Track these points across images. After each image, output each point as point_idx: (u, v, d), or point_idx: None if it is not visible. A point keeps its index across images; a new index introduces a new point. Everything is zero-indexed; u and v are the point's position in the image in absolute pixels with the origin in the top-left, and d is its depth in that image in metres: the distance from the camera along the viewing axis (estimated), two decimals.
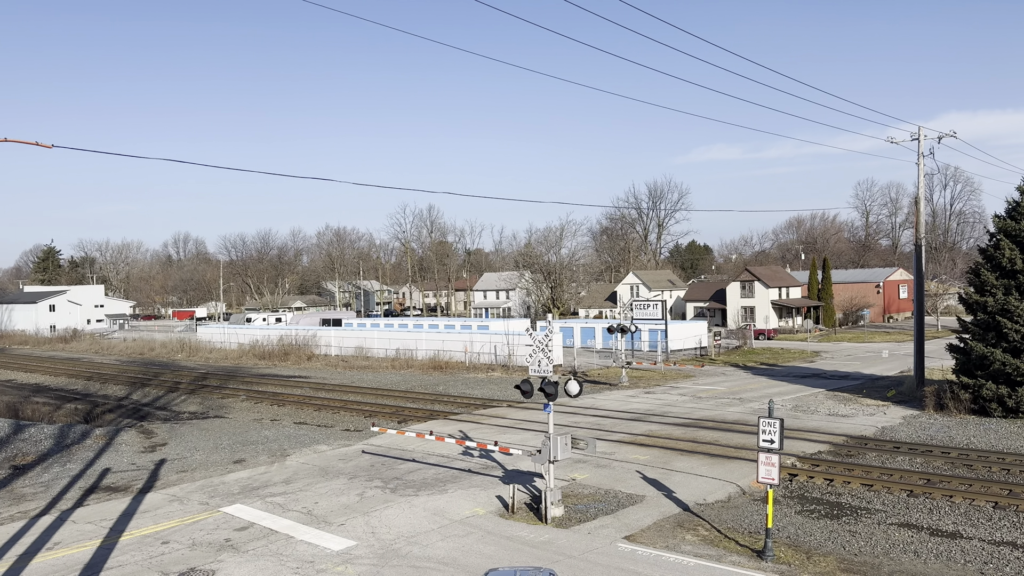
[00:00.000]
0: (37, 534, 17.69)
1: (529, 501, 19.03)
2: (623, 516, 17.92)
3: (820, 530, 16.98)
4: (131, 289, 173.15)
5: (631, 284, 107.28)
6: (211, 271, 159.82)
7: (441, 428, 29.45)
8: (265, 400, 40.19)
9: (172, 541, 16.80)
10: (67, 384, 51.49)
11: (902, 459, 23.02)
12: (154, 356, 73.60)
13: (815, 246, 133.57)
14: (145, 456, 26.54)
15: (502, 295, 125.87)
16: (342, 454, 25.64)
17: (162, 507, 19.67)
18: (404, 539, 16.58)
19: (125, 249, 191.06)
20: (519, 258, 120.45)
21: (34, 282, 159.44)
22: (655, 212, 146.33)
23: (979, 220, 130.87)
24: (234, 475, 23.08)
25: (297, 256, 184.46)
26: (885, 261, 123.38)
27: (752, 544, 15.98)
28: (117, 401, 41.97)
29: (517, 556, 15.31)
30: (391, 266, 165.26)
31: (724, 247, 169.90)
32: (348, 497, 19.98)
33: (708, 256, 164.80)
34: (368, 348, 63.41)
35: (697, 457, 23.67)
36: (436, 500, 19.36)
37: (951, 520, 17.46)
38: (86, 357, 75.42)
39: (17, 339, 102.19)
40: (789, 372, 47.10)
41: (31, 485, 22.69)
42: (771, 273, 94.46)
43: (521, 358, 51.28)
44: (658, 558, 15.14)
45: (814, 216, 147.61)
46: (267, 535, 17.05)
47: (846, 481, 20.74)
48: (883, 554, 15.44)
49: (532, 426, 29.61)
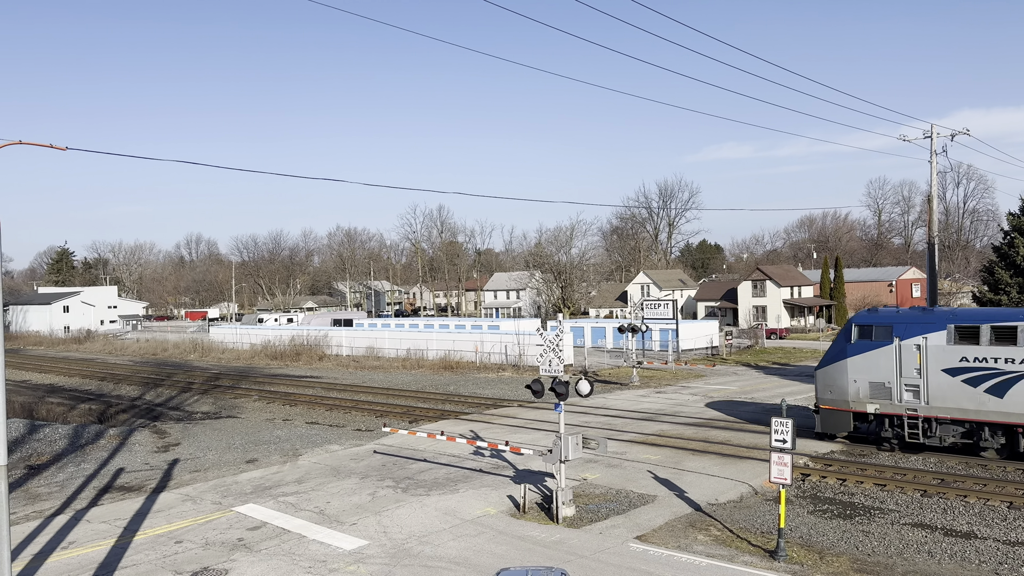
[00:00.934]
0: (52, 533, 17.84)
1: (540, 501, 19.03)
2: (634, 516, 17.90)
3: (833, 530, 16.90)
4: (144, 290, 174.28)
5: (642, 284, 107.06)
6: (223, 272, 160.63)
7: (452, 428, 29.49)
8: (277, 400, 40.35)
9: (185, 540, 16.90)
10: (81, 384, 51.86)
11: (915, 459, 22.88)
12: (167, 356, 74.02)
13: (827, 245, 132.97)
14: (158, 456, 26.71)
15: (512, 295, 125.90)
16: (354, 454, 25.72)
17: (175, 507, 19.79)
18: (416, 539, 16.62)
19: (138, 250, 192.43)
20: (529, 258, 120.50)
21: (48, 283, 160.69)
22: (665, 211, 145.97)
23: (993, 218, 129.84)
24: (247, 475, 23.19)
25: (308, 257, 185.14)
26: (898, 260, 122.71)
27: (764, 544, 15.93)
28: (130, 401, 42.24)
29: (528, 556, 15.31)
30: (401, 266, 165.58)
31: (735, 246, 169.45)
32: (360, 497, 20.04)
33: (719, 255, 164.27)
34: (379, 348, 63.56)
35: (709, 457, 23.60)
36: (447, 500, 19.40)
37: (965, 520, 17.35)
38: (100, 358, 75.93)
39: (32, 340, 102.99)
40: (801, 372, 46.89)
41: (46, 485, 22.87)
42: (783, 272, 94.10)
43: (532, 358, 51.24)
44: (670, 558, 15.11)
45: (826, 215, 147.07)
46: (279, 535, 17.13)
47: (859, 481, 20.64)
48: (897, 554, 15.35)
49: (543, 426, 29.60)
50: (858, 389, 24.24)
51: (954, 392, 22.51)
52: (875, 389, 23.94)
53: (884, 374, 23.71)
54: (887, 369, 23.66)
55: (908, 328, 23.55)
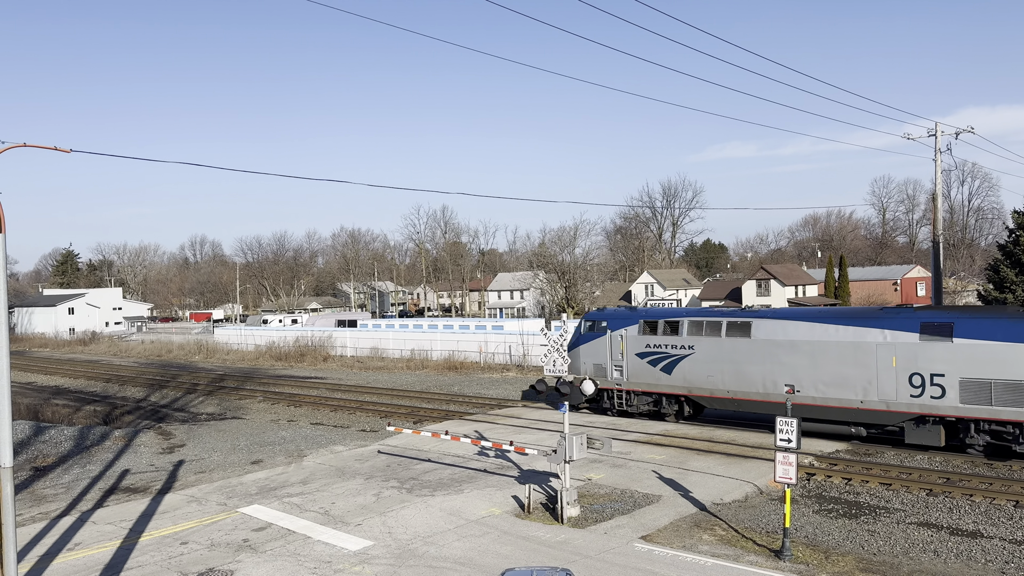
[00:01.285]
0: (58, 535, 17.89)
1: (545, 501, 19.03)
2: (639, 516, 17.89)
3: (838, 530, 16.87)
4: (149, 292, 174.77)
5: (646, 283, 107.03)
6: (227, 273, 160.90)
7: (456, 428, 29.51)
8: (282, 401, 40.42)
9: (191, 542, 16.93)
10: (86, 386, 52.00)
11: (921, 458, 22.83)
12: (172, 358, 74.19)
13: (831, 244, 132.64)
14: (164, 457, 26.77)
15: (516, 295, 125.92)
16: (358, 454, 25.75)
17: (181, 508, 19.83)
18: (421, 539, 16.63)
19: (142, 252, 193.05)
20: (533, 258, 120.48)
21: (53, 285, 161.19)
22: (669, 211, 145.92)
23: (998, 216, 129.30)
24: (252, 476, 23.23)
25: (312, 258, 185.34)
26: (903, 258, 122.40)
27: (770, 544, 15.91)
28: (136, 403, 42.34)
29: (533, 556, 15.31)
30: (405, 267, 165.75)
31: (739, 245, 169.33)
32: (365, 497, 20.06)
33: (723, 255, 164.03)
34: (383, 349, 63.63)
35: (714, 456, 23.58)
36: (452, 500, 19.40)
37: (971, 519, 17.30)
38: (105, 359, 76.12)
39: (37, 342, 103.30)
40: None
41: (52, 486, 22.94)
42: (787, 271, 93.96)
43: (536, 358, 51.23)
44: (675, 558, 15.09)
45: (830, 213, 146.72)
46: (285, 535, 17.16)
47: (864, 480, 20.60)
48: (902, 553, 15.32)
49: (547, 426, 29.61)
50: (587, 369, 30.56)
51: (643, 370, 28.86)
52: (596, 369, 30.35)
53: (601, 358, 30.21)
54: (603, 354, 30.15)
55: (617, 323, 29.83)
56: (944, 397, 22.04)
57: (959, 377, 21.73)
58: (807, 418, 23.92)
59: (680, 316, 28.20)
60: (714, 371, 26.83)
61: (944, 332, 22.17)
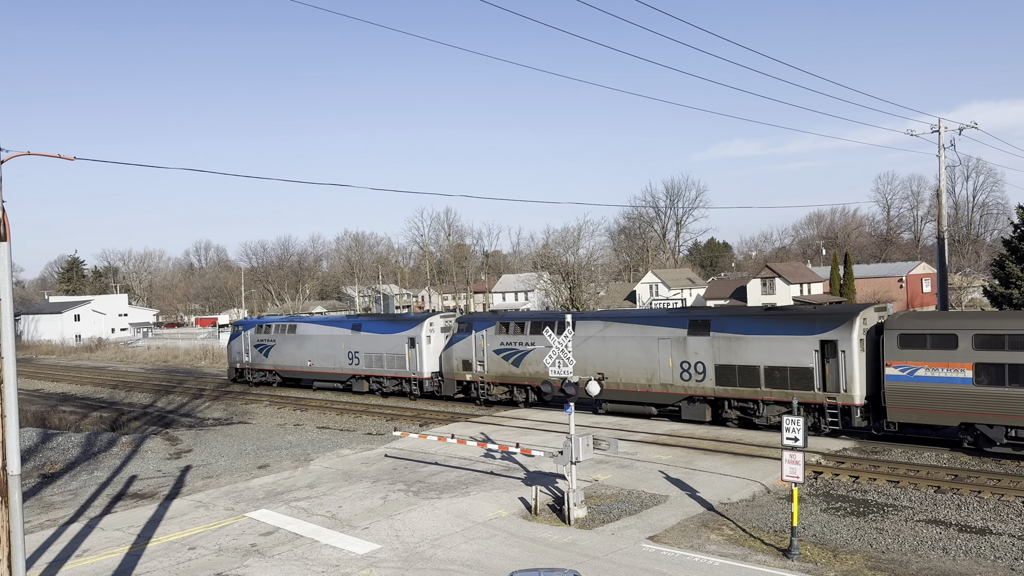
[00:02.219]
0: (67, 541, 17.94)
1: (552, 502, 19.02)
2: (647, 516, 17.86)
3: (846, 528, 16.83)
4: (154, 297, 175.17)
5: (650, 283, 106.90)
6: (232, 278, 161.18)
7: (462, 431, 29.51)
8: (288, 405, 40.45)
9: (199, 547, 16.96)
10: (93, 393, 52.12)
11: (929, 455, 22.76)
12: (178, 363, 74.31)
13: (836, 241, 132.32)
14: (171, 463, 26.82)
15: (521, 296, 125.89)
16: (365, 458, 25.76)
17: (188, 513, 19.86)
18: (428, 542, 16.63)
19: (147, 258, 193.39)
20: (537, 259, 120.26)
21: (59, 292, 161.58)
22: (673, 210, 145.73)
23: (1003, 211, 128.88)
24: (259, 480, 23.26)
25: (317, 262, 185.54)
26: (907, 255, 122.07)
27: (778, 543, 15.87)
28: (142, 408, 42.42)
29: (541, 557, 15.30)
30: (410, 270, 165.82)
31: (744, 244, 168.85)
32: (371, 501, 20.07)
33: (728, 253, 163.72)
34: None
35: (720, 456, 23.54)
36: (459, 503, 19.40)
37: (980, 516, 17.24)
38: (111, 366, 76.30)
39: (43, 349, 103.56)
40: None
41: (60, 493, 23.00)
42: (792, 269, 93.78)
43: None
44: (683, 558, 15.07)
45: (834, 211, 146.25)
46: (292, 540, 17.17)
47: (872, 478, 20.54)
48: (911, 551, 15.27)
49: (553, 427, 29.58)
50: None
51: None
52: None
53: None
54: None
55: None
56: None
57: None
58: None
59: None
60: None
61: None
